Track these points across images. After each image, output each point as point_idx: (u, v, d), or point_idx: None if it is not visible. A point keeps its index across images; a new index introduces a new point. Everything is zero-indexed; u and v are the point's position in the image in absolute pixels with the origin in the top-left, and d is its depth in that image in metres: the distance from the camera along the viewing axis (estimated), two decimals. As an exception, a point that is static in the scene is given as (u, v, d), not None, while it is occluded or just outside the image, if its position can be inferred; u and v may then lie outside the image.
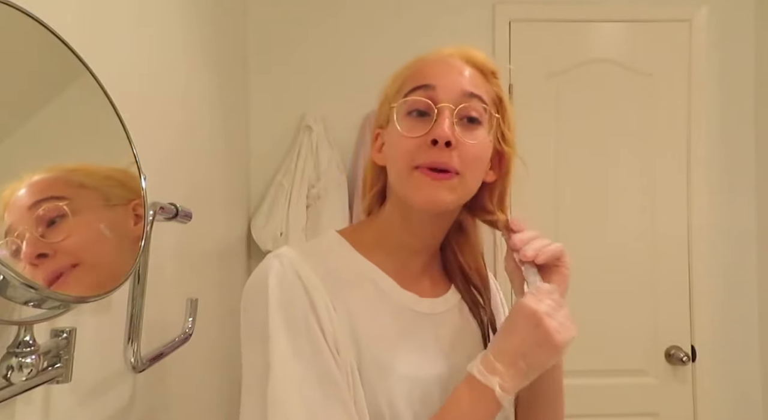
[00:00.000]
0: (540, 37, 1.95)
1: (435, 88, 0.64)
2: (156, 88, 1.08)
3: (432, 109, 0.63)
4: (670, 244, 1.90)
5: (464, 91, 0.65)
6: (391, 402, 0.62)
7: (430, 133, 0.62)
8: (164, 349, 0.92)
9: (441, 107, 0.63)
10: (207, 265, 1.42)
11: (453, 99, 0.64)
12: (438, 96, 0.64)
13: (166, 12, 1.16)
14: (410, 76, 0.68)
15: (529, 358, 0.59)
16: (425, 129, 0.63)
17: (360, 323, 0.63)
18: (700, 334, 1.90)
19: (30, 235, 0.54)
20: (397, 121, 0.65)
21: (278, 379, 0.57)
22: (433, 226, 0.71)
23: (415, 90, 0.65)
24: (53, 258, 0.57)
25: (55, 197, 0.58)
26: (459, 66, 0.67)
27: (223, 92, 1.59)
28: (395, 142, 0.66)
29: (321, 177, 1.79)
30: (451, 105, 0.63)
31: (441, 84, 0.64)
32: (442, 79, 0.65)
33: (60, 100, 0.66)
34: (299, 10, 1.93)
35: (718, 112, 1.94)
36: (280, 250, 0.65)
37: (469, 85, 0.65)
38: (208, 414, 1.41)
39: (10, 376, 0.57)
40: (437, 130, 0.62)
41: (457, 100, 0.64)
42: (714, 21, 1.94)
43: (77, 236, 0.60)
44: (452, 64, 0.67)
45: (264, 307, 0.60)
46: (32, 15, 0.58)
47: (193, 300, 1.04)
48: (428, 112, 0.64)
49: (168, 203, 0.89)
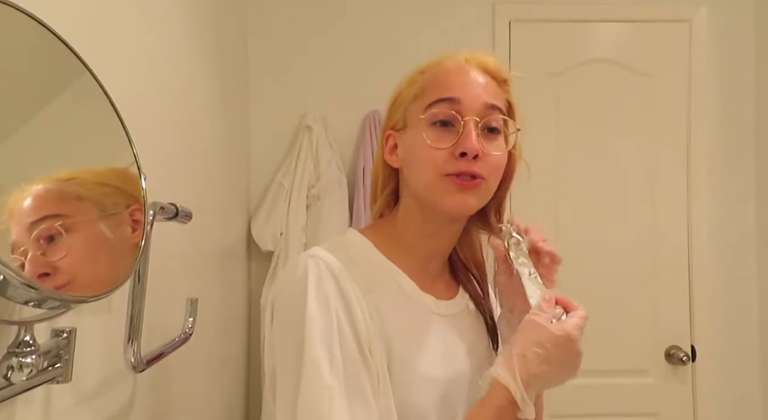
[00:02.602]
0: (540, 37, 1.95)
1: (460, 102, 0.67)
2: (156, 87, 1.08)
3: (458, 121, 0.66)
4: (670, 243, 1.90)
5: (486, 103, 0.68)
6: (417, 402, 0.64)
7: (459, 146, 0.65)
8: (164, 349, 0.92)
9: (467, 121, 0.66)
10: (207, 265, 1.42)
11: (476, 111, 0.67)
12: (463, 109, 0.67)
13: (166, 12, 1.16)
14: (431, 85, 0.70)
15: (553, 381, 0.63)
16: (451, 140, 0.66)
17: (389, 325, 0.65)
18: (700, 334, 1.90)
19: (32, 254, 0.55)
20: (423, 130, 0.68)
21: (309, 387, 0.57)
22: (451, 229, 0.74)
23: (439, 102, 0.67)
24: (54, 276, 0.58)
25: (52, 216, 0.58)
26: (478, 76, 0.70)
27: (223, 92, 1.59)
28: (421, 151, 0.68)
29: (321, 177, 1.79)
30: (476, 118, 0.66)
31: (465, 97, 0.67)
32: (466, 91, 0.68)
33: (60, 100, 0.66)
34: (299, 11, 1.93)
35: (718, 112, 1.94)
36: (313, 251, 0.67)
37: (489, 98, 0.68)
38: (208, 414, 1.41)
39: (11, 375, 0.57)
40: (467, 144, 0.65)
41: (480, 112, 0.67)
42: (714, 21, 1.94)
43: (75, 254, 0.60)
44: (472, 74, 0.70)
45: (301, 310, 0.61)
46: (32, 15, 0.58)
47: (193, 300, 1.04)
48: (453, 123, 0.67)
49: (168, 203, 0.89)
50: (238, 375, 1.74)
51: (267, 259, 1.79)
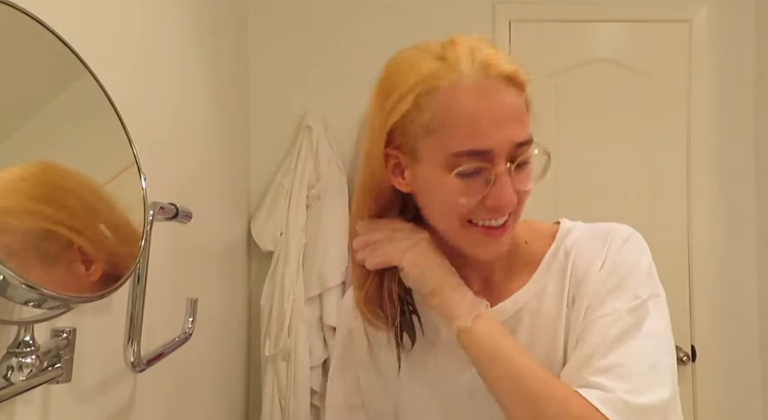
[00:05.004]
0: (540, 37, 1.95)
1: (491, 152, 0.57)
2: (156, 88, 1.08)
3: (489, 172, 0.58)
4: (670, 243, 1.90)
5: (517, 142, 0.58)
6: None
7: (491, 198, 0.58)
8: (164, 349, 0.92)
9: (500, 173, 0.57)
10: (207, 265, 1.42)
11: (508, 153, 0.58)
12: (494, 157, 0.57)
13: (166, 12, 1.16)
14: (452, 126, 0.57)
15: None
16: (480, 189, 0.58)
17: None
18: (700, 334, 1.90)
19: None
20: (445, 175, 0.58)
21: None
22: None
23: (467, 156, 0.57)
24: None
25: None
26: (503, 99, 0.58)
27: (223, 92, 1.59)
28: (443, 196, 0.60)
29: (321, 177, 1.79)
30: (508, 165, 0.58)
31: (495, 143, 0.57)
32: (497, 135, 0.57)
33: (60, 100, 0.66)
34: (299, 11, 1.93)
35: (718, 112, 1.94)
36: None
37: (520, 131, 0.59)
38: (208, 414, 1.41)
39: (10, 376, 0.57)
40: (502, 199, 0.58)
41: (512, 152, 0.58)
42: (714, 21, 1.94)
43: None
44: (497, 101, 0.57)
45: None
46: (32, 15, 0.58)
47: (193, 300, 1.04)
48: (482, 172, 0.58)
49: (168, 203, 0.89)
50: (238, 375, 1.74)
51: (267, 259, 1.78)
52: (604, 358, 0.58)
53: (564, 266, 0.66)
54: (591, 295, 0.63)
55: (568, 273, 0.66)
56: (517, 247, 0.68)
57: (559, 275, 0.66)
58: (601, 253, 0.65)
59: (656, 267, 0.68)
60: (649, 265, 0.65)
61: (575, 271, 0.66)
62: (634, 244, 0.66)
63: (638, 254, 0.65)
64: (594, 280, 0.64)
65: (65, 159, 0.65)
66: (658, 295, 0.64)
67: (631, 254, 0.65)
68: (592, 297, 0.63)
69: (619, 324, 0.60)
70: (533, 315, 0.66)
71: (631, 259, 0.64)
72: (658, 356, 0.59)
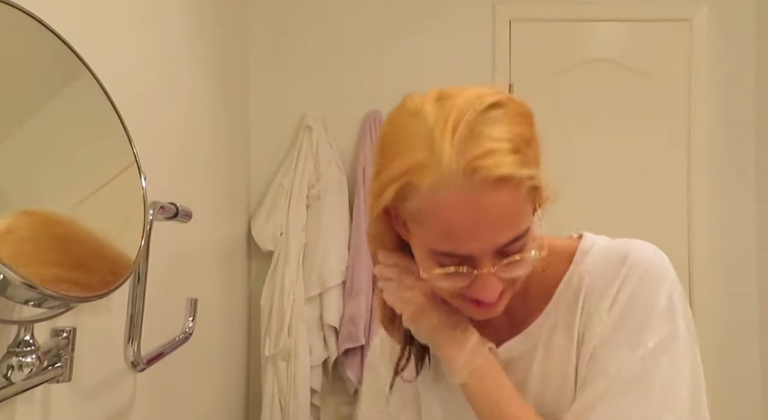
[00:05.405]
0: (540, 37, 1.95)
1: (471, 257, 0.54)
2: (156, 87, 1.08)
3: (470, 270, 0.55)
4: (669, 243, 1.88)
5: (501, 245, 0.53)
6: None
7: (473, 291, 0.56)
8: (164, 349, 0.92)
9: (481, 274, 0.54)
10: (207, 265, 1.42)
11: (492, 257, 0.54)
12: (476, 261, 0.54)
13: (167, 12, 1.16)
14: (431, 225, 0.54)
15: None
16: (464, 280, 0.56)
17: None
18: (700, 334, 1.88)
19: None
20: (430, 262, 0.56)
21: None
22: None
23: (446, 256, 0.54)
24: None
25: None
26: (488, 206, 0.51)
27: (223, 92, 1.59)
28: (429, 274, 0.57)
29: (321, 177, 1.79)
30: (491, 268, 0.54)
31: (474, 249, 0.53)
32: (473, 244, 0.53)
33: (60, 99, 0.66)
34: (299, 11, 1.93)
35: (718, 111, 1.94)
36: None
37: (504, 235, 0.53)
38: (208, 414, 1.41)
39: (11, 375, 0.57)
40: (482, 295, 0.56)
41: (497, 254, 0.54)
42: (714, 21, 1.94)
43: None
44: (480, 211, 0.51)
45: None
46: (32, 14, 0.58)
47: (193, 300, 1.04)
48: (464, 269, 0.55)
49: (168, 203, 0.89)
50: (238, 375, 1.74)
51: (267, 259, 1.79)
52: (604, 409, 0.55)
53: (576, 297, 0.63)
54: (597, 338, 0.60)
55: (579, 306, 0.62)
56: (534, 274, 0.62)
57: (570, 308, 0.63)
58: (613, 287, 0.61)
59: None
60: (668, 298, 0.60)
61: (586, 305, 0.62)
62: (653, 276, 0.61)
63: (655, 291, 0.60)
64: (602, 322, 0.60)
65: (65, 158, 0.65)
66: (674, 338, 0.59)
67: (646, 292, 0.60)
68: (599, 341, 0.59)
69: (625, 373, 0.56)
70: (546, 349, 0.64)
71: (644, 298, 0.60)
72: (663, 411, 0.56)
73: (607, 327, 0.59)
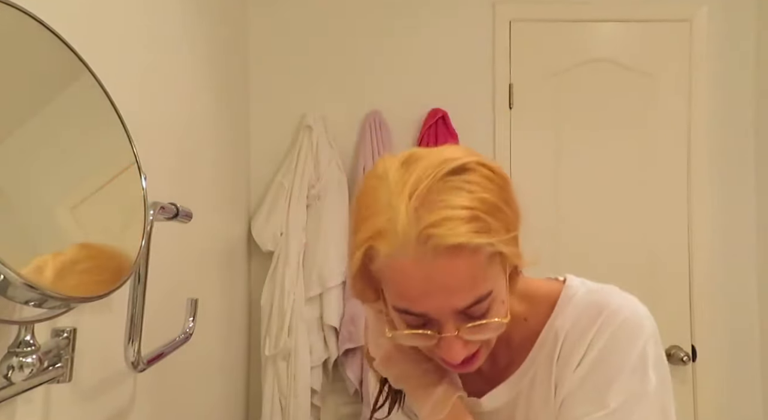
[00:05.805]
0: (540, 37, 1.95)
1: (428, 316, 0.55)
2: (156, 87, 1.08)
3: (432, 329, 0.56)
4: (670, 243, 1.90)
5: (460, 308, 0.54)
6: None
7: (439, 353, 0.57)
8: (164, 349, 0.92)
9: (444, 338, 0.55)
10: (207, 265, 1.42)
11: (453, 320, 0.54)
12: (437, 323, 0.55)
13: (167, 11, 1.16)
14: (389, 284, 0.55)
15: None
16: (429, 341, 0.56)
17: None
18: (700, 334, 1.90)
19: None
20: (396, 322, 0.58)
21: None
22: None
23: (405, 313, 0.55)
24: None
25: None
26: (438, 276, 0.52)
27: (223, 92, 1.59)
28: (392, 334, 0.59)
29: (321, 177, 1.79)
30: (454, 331, 0.55)
31: (429, 309, 0.54)
32: (427, 305, 0.54)
33: (60, 99, 0.66)
34: (299, 11, 1.93)
35: (719, 111, 1.94)
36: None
37: (459, 300, 0.53)
38: (208, 414, 1.41)
39: (11, 375, 0.57)
40: (447, 358, 0.56)
41: (459, 319, 0.55)
42: (714, 21, 1.94)
43: None
44: (431, 280, 0.52)
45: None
46: (32, 15, 0.58)
47: (193, 300, 1.04)
48: (427, 326, 0.56)
49: (168, 203, 0.89)
50: (238, 375, 1.74)
51: (267, 259, 1.79)
52: None
53: (554, 348, 0.64)
54: (565, 392, 0.61)
55: (556, 357, 0.63)
56: (516, 323, 0.63)
57: (549, 358, 0.64)
58: (584, 341, 0.61)
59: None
60: (640, 354, 0.60)
61: (561, 357, 0.63)
62: (625, 331, 0.61)
63: (626, 347, 0.60)
64: (571, 376, 0.61)
65: (65, 158, 0.65)
66: (643, 394, 0.58)
67: (616, 348, 0.60)
68: (566, 394, 0.61)
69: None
70: (527, 399, 0.65)
71: (614, 355, 0.60)
72: None
73: (574, 382, 0.60)
